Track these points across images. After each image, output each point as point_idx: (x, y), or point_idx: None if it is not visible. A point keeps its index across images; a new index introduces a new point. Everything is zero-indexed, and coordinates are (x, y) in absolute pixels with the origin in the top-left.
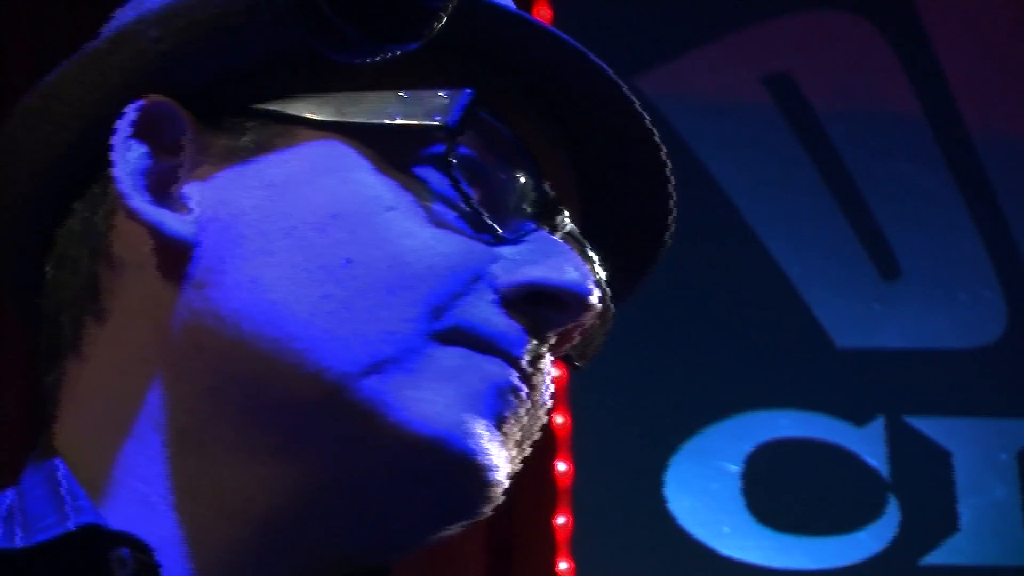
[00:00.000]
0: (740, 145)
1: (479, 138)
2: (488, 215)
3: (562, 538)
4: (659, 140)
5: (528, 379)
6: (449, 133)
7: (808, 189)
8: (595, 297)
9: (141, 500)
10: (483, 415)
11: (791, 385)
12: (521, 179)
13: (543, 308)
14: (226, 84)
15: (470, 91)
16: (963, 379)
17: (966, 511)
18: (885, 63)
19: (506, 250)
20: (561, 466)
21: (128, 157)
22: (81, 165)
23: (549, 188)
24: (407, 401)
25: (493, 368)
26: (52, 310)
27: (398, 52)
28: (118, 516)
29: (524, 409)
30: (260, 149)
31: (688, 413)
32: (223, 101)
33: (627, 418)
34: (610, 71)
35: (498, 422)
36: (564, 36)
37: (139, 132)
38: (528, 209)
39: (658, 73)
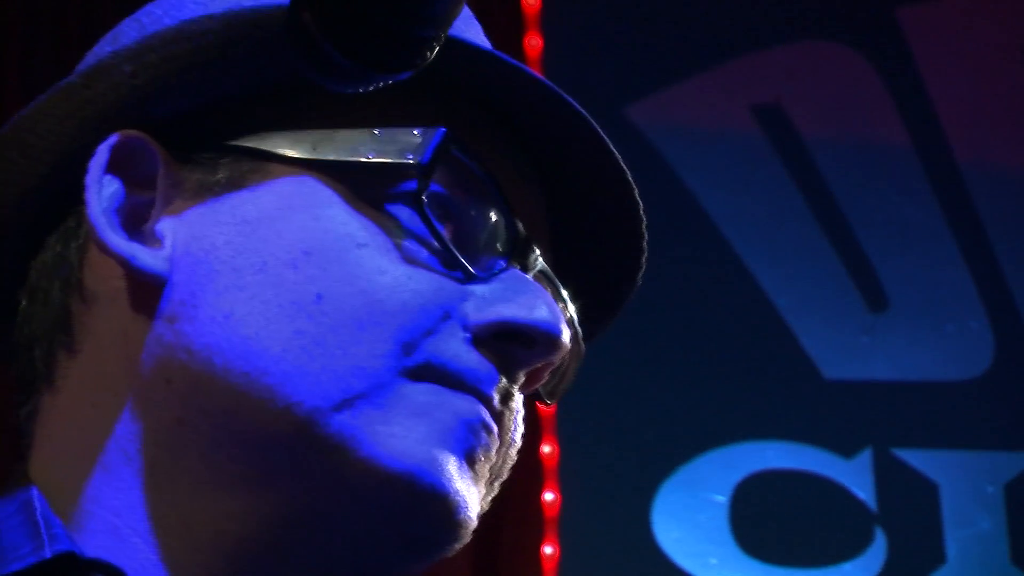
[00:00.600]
0: (729, 175)
1: (451, 175)
2: (459, 252)
3: (549, 568)
4: (631, 179)
5: (498, 416)
6: (421, 171)
7: (797, 219)
8: (565, 335)
9: (112, 531)
10: (453, 451)
11: (779, 416)
12: (493, 216)
13: (513, 346)
14: (200, 119)
15: (442, 129)
16: (951, 411)
17: (953, 543)
18: (874, 94)
19: (478, 288)
20: (548, 495)
21: (102, 192)
22: (55, 198)
23: (520, 226)
24: (378, 436)
25: (463, 404)
26: (24, 342)
27: (390, 82)
28: (91, 547)
29: (494, 446)
30: (233, 185)
31: (676, 443)
32: (197, 135)
33: (615, 448)
34: (580, 108)
35: (468, 458)
36: (536, 75)
37: (113, 167)
38: (500, 247)
39: (648, 103)
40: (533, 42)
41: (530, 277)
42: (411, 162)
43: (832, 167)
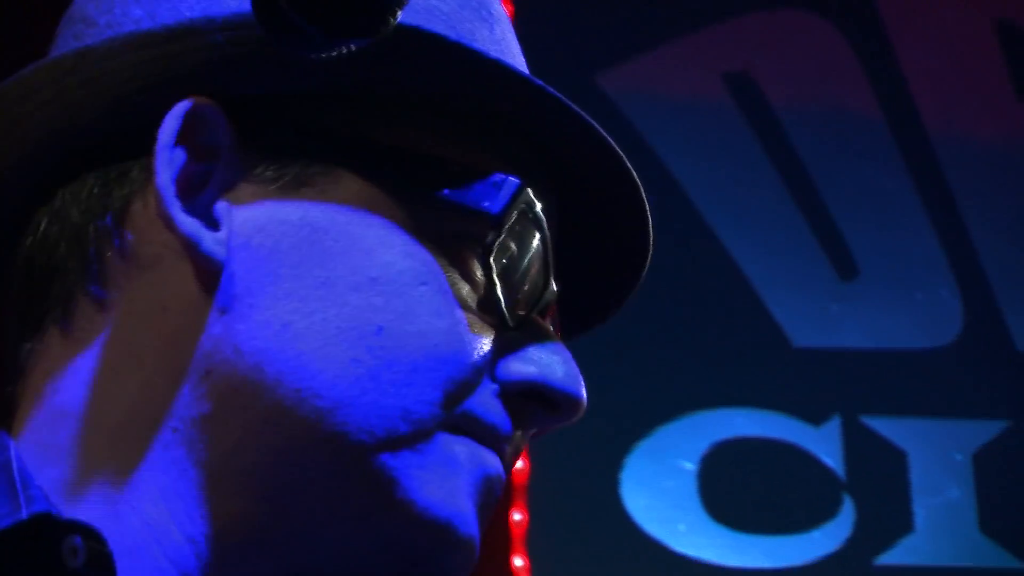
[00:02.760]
0: (700, 143)
1: (513, 226)
2: (506, 307)
3: (518, 535)
4: (643, 193)
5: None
6: (493, 222)
7: (767, 188)
8: (585, 400)
9: (110, 503)
10: (477, 503)
11: (748, 384)
12: (535, 269)
13: (535, 404)
14: (277, 106)
15: (517, 181)
16: (919, 379)
17: (921, 511)
18: (845, 63)
19: (508, 337)
20: (518, 463)
21: (171, 159)
22: (99, 135)
23: (554, 284)
24: (415, 481)
25: (490, 459)
26: (40, 268)
27: (353, 48)
28: (84, 513)
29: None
30: (302, 183)
31: (645, 411)
32: (271, 123)
33: (583, 415)
34: (608, 138)
35: (486, 509)
36: (575, 107)
37: (181, 134)
38: (533, 300)
39: (619, 71)
40: (504, 9)
41: (548, 327)
42: (486, 211)
43: (802, 136)
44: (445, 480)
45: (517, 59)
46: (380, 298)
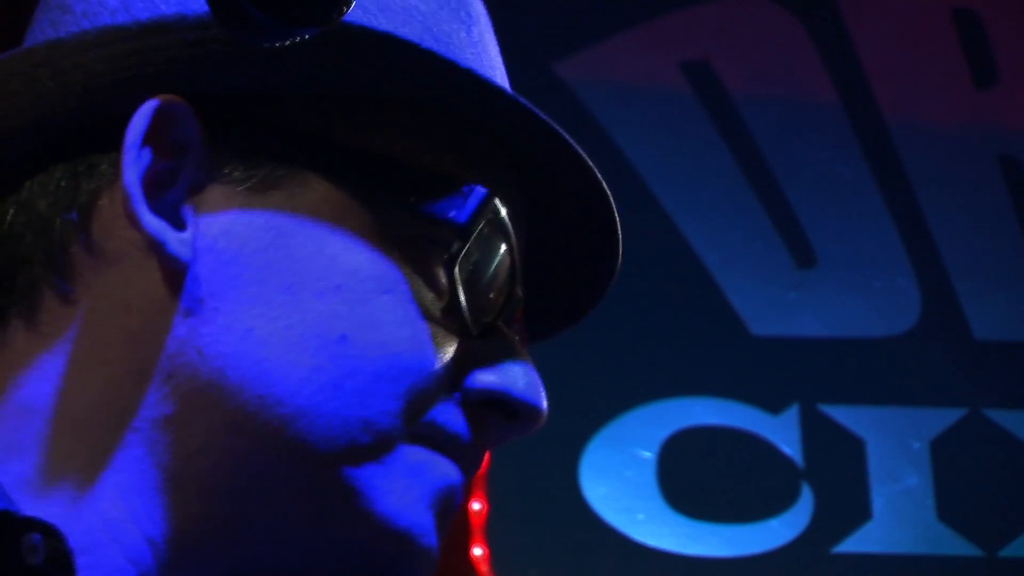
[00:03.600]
0: (657, 131)
1: (481, 236)
2: (469, 315)
3: (477, 524)
4: (613, 206)
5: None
6: (459, 233)
7: (725, 176)
8: (545, 411)
9: (71, 502)
10: (437, 512)
11: (706, 373)
12: (501, 278)
13: (496, 415)
14: (246, 106)
15: (484, 190)
16: (877, 367)
17: (879, 499)
18: (802, 51)
19: (471, 345)
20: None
21: (139, 157)
22: (68, 127)
23: (520, 291)
24: (377, 492)
25: (450, 469)
26: (5, 258)
27: (306, 36)
28: (46, 511)
29: None
30: (271, 186)
31: (603, 400)
32: (238, 122)
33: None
34: (579, 148)
35: (445, 517)
36: (544, 117)
37: (149, 131)
38: (497, 307)
39: (576, 59)
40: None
41: (511, 334)
42: (452, 220)
43: (760, 124)
44: (405, 491)
45: (493, 60)
46: (344, 306)
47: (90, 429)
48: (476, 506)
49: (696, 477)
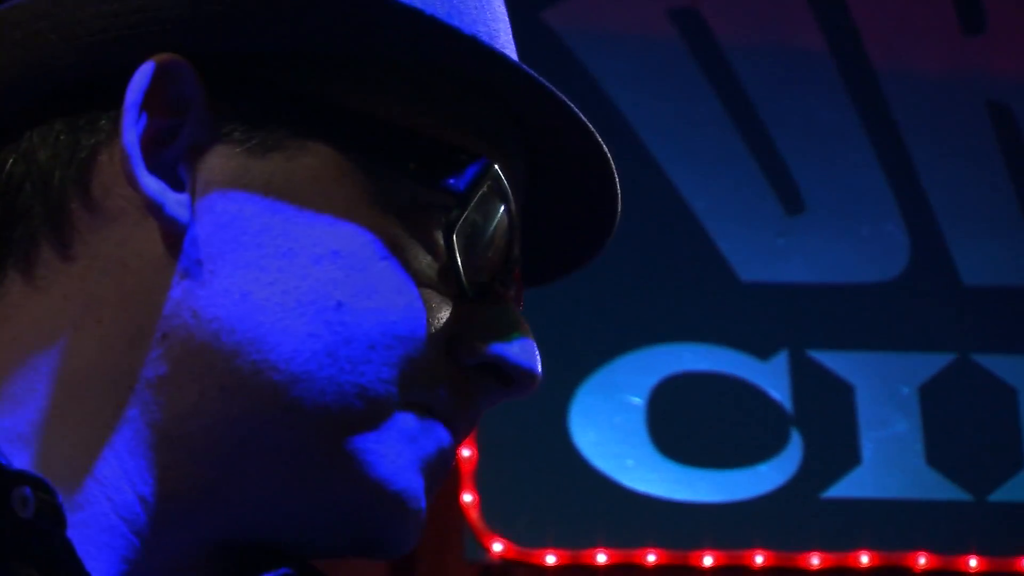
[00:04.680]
0: (646, 79)
1: (480, 202)
2: (466, 280)
3: (466, 470)
4: (615, 172)
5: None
6: (460, 198)
7: (713, 123)
8: (539, 377)
9: (59, 454)
10: (428, 476)
11: (695, 319)
12: (501, 242)
13: (490, 380)
14: (252, 65)
15: (484, 159)
16: (866, 313)
17: (868, 444)
18: None
19: (468, 308)
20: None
21: (139, 116)
22: (69, 80)
23: (517, 250)
24: (371, 457)
25: (442, 434)
26: (3, 208)
27: None
28: (37, 466)
29: None
30: (271, 148)
31: (592, 346)
32: (244, 80)
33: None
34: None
35: (436, 481)
36: (554, 90)
37: (150, 88)
38: (497, 271)
39: (565, 6)
40: None
41: (510, 297)
42: (452, 187)
43: (749, 71)
44: (398, 456)
45: (497, 13)
46: (340, 272)
47: (84, 386)
48: (466, 453)
49: (685, 423)
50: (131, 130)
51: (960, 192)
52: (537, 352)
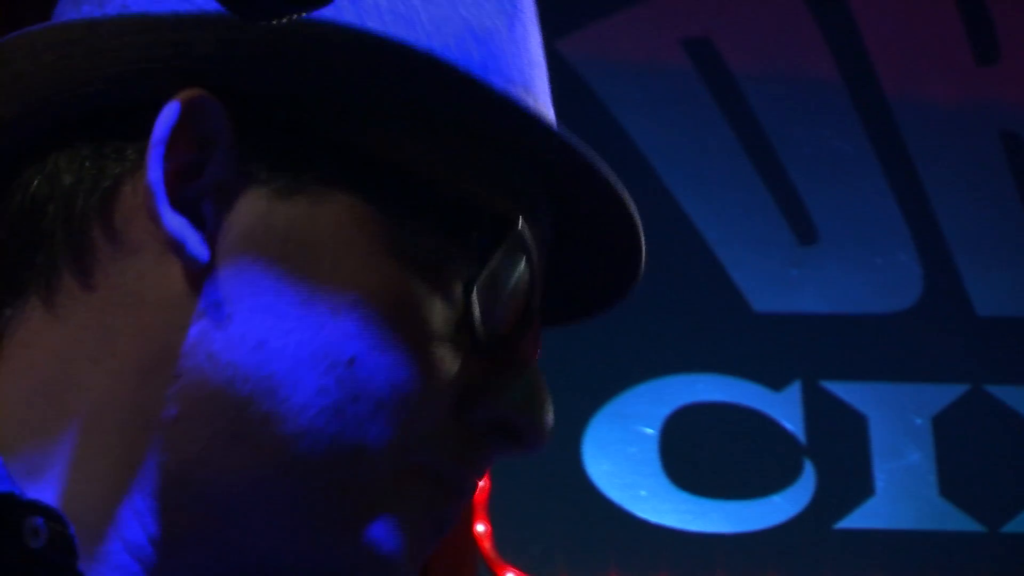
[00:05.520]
0: (660, 108)
1: (502, 258)
2: (484, 335)
3: (479, 500)
4: (641, 233)
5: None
6: (482, 255)
7: (727, 153)
8: (550, 435)
9: (67, 486)
10: (423, 543)
11: (708, 349)
12: (519, 298)
13: (499, 435)
14: (282, 106)
15: (509, 214)
16: (879, 344)
17: (881, 475)
18: (804, 28)
19: (482, 364)
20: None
21: (165, 152)
22: (97, 106)
23: (537, 306)
24: (364, 521)
25: (447, 502)
26: (26, 232)
27: (303, 14)
28: (47, 495)
29: None
30: (295, 192)
31: (606, 377)
32: (273, 122)
33: (545, 380)
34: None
35: (431, 546)
36: (596, 163)
37: (178, 123)
38: (514, 326)
39: (579, 36)
40: None
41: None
42: (475, 243)
43: (762, 101)
44: (397, 524)
45: (533, 57)
46: (355, 325)
47: (98, 420)
48: (479, 483)
49: (698, 453)
50: (157, 167)
51: (974, 223)
52: (550, 409)
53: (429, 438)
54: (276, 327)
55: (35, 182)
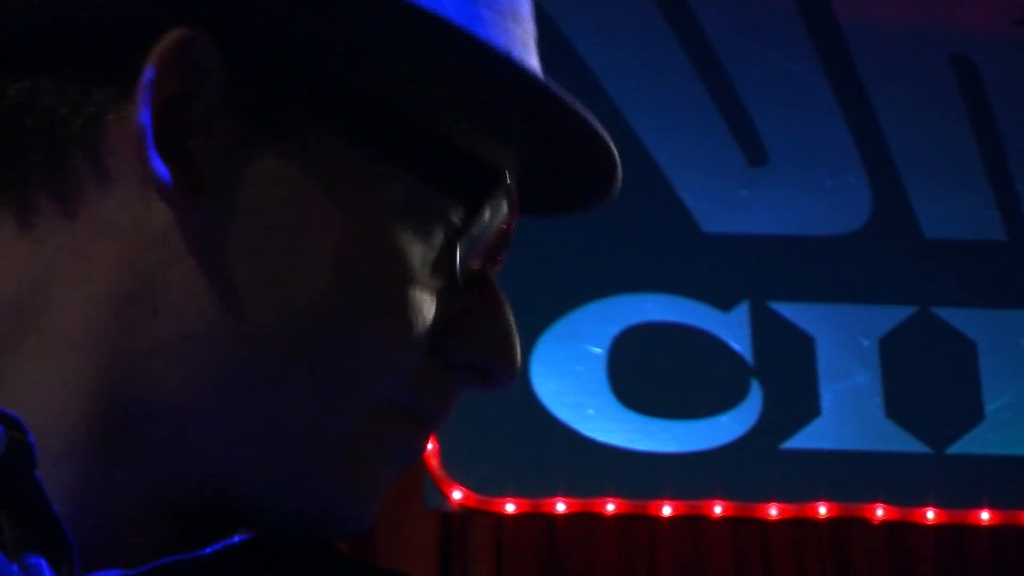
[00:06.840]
0: (611, 29)
1: (487, 208)
2: (460, 275)
3: None
4: (618, 163)
5: None
6: (468, 207)
7: (678, 74)
8: (518, 373)
9: (36, 403)
10: (389, 478)
11: (657, 269)
12: (497, 236)
13: (471, 372)
14: (274, 45)
15: (496, 165)
16: (827, 265)
17: (828, 396)
18: None
19: (456, 301)
20: None
21: (155, 91)
22: (88, 28)
23: (511, 236)
24: (338, 457)
25: (418, 437)
26: (3, 144)
27: None
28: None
29: None
30: (284, 134)
31: (554, 296)
32: (265, 60)
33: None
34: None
35: (398, 474)
36: (572, 104)
37: (169, 60)
38: (490, 259)
39: None
40: None
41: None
42: (462, 193)
43: (713, 21)
44: (371, 459)
45: (524, 24)
46: (339, 276)
47: (66, 342)
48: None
49: (646, 373)
50: (146, 109)
51: (923, 145)
52: (518, 349)
53: (405, 377)
54: (259, 277)
55: (11, 91)
